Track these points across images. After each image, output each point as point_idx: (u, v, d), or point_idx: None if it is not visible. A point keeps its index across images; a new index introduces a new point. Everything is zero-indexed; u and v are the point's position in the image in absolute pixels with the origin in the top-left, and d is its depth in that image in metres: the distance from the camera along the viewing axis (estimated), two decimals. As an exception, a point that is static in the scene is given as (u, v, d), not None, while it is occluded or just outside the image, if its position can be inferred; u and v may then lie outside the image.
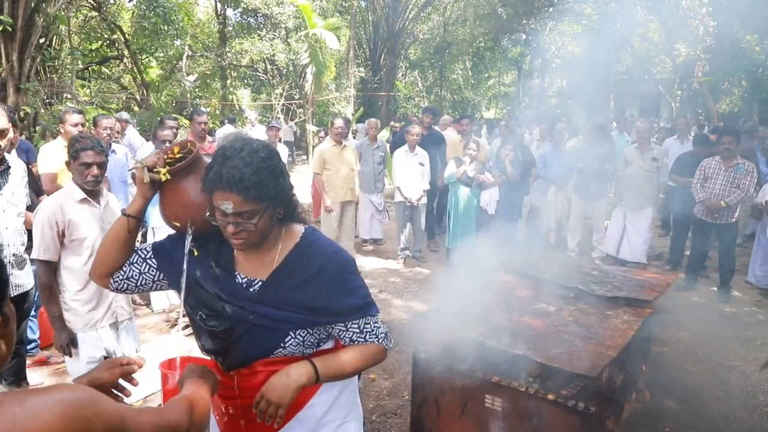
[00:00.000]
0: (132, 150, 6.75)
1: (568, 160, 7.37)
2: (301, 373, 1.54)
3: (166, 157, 1.60)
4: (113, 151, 5.26)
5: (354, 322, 1.63)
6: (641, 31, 16.13)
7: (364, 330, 1.65)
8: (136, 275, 1.67)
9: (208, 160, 1.57)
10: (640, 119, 8.03)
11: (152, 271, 1.68)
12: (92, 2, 13.77)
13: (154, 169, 1.55)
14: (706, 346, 4.81)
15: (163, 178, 1.55)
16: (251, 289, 1.59)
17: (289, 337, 1.58)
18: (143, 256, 1.68)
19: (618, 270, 4.27)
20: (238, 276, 1.61)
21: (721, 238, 5.95)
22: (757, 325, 5.34)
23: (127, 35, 15.72)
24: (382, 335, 1.69)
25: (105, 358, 3.10)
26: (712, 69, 13.46)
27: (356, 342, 1.65)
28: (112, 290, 1.71)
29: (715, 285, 6.05)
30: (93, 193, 2.96)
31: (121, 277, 1.67)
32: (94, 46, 17.46)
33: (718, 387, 4.12)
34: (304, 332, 1.60)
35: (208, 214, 1.52)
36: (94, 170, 2.87)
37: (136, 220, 1.63)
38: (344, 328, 1.63)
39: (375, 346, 1.67)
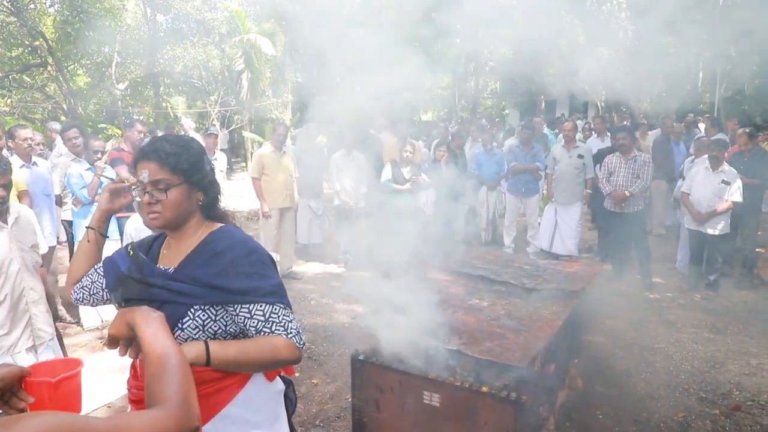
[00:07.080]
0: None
1: (500, 159, 7.61)
2: (190, 350, 1.47)
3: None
4: (34, 163, 5.02)
5: (258, 308, 1.58)
6: (568, 35, 16.83)
7: (270, 319, 1.58)
8: (89, 285, 1.82)
9: None
10: (567, 119, 8.41)
11: (101, 280, 1.80)
12: (10, 7, 13.05)
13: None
14: (632, 331, 5.09)
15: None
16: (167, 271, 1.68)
17: (188, 317, 1.56)
18: (96, 267, 1.84)
19: (549, 264, 4.47)
20: (159, 267, 1.70)
21: (631, 226, 6.25)
22: (677, 309, 5.71)
23: (50, 41, 15.00)
24: (293, 331, 1.61)
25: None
26: (633, 70, 14.23)
27: (262, 332, 1.58)
28: (72, 300, 1.86)
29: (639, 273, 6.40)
30: None
31: (78, 287, 1.83)
32: (14, 53, 16.56)
33: (644, 369, 4.38)
34: (204, 315, 1.57)
35: (133, 189, 1.67)
36: (0, 192, 2.74)
37: (95, 231, 1.82)
38: (248, 315, 1.58)
39: (282, 339, 1.58)
